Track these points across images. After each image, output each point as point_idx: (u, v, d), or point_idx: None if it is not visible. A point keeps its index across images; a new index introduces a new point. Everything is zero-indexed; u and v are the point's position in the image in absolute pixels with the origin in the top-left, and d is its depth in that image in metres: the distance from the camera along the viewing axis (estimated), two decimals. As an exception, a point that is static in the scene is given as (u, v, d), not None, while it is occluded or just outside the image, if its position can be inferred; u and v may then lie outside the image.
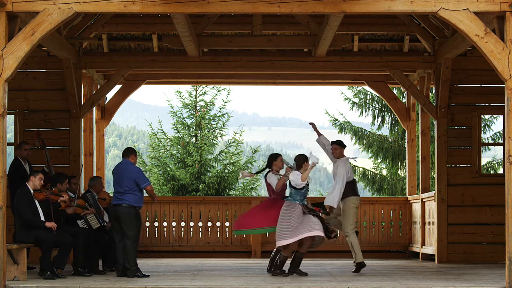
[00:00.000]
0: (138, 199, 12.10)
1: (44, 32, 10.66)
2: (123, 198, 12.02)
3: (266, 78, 18.15)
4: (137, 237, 12.15)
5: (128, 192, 12.03)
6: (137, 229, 12.13)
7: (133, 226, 12.04)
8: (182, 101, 26.06)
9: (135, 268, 11.98)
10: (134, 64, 16.29)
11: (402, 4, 10.75)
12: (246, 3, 10.76)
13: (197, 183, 24.91)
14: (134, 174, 12.07)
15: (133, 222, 12.04)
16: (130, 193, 12.03)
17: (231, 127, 26.87)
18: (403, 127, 18.51)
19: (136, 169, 12.19)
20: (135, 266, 11.99)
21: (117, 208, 12.08)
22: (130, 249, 11.99)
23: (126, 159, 12.26)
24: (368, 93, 25.89)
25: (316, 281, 11.53)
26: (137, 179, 12.05)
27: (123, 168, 12.17)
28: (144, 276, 11.91)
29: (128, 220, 12.00)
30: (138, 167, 12.31)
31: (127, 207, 12.00)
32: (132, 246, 12.00)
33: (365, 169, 26.06)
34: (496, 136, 24.12)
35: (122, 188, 12.06)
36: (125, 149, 12.46)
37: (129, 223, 12.00)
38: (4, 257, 10.48)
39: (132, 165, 12.21)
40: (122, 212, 12.03)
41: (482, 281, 11.42)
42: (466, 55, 15.89)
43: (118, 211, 12.07)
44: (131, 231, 12.03)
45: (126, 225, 12.01)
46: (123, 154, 12.38)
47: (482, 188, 15.88)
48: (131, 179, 12.05)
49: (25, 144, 13.75)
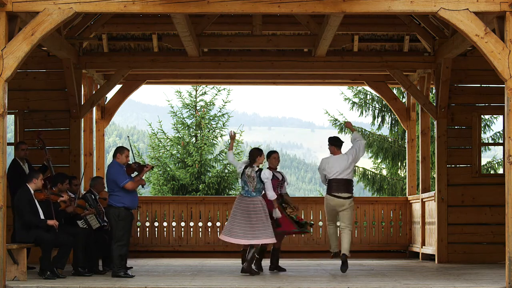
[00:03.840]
0: (120, 198, 12.04)
1: (44, 32, 10.66)
2: (109, 200, 12.17)
3: (266, 78, 18.16)
4: (123, 238, 12.03)
5: (111, 193, 12.13)
6: (123, 230, 12.05)
7: (118, 226, 12.02)
8: (182, 101, 26.06)
9: (117, 269, 11.93)
10: (134, 64, 16.29)
11: (402, 4, 10.75)
12: (246, 3, 10.76)
13: (197, 183, 24.91)
14: (112, 176, 12.11)
15: (119, 223, 12.02)
16: (113, 194, 12.11)
17: (231, 127, 26.84)
18: (403, 127, 18.51)
19: (113, 169, 12.13)
20: (117, 268, 11.92)
21: (106, 210, 12.37)
22: (114, 250, 11.98)
23: (114, 160, 12.28)
24: (368, 93, 25.90)
25: (316, 281, 11.54)
26: (116, 179, 12.05)
27: (107, 170, 12.28)
28: (129, 277, 11.85)
29: (114, 221, 12.06)
30: (117, 167, 12.16)
31: (111, 207, 12.11)
32: (116, 247, 11.97)
33: (365, 169, 26.07)
34: (496, 136, 24.13)
35: (108, 189, 12.27)
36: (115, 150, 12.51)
37: (114, 224, 12.06)
38: (4, 257, 10.48)
39: (112, 166, 12.20)
40: (108, 213, 12.18)
41: (482, 281, 11.42)
42: (466, 55, 15.89)
43: (106, 212, 12.37)
44: (118, 232, 12.02)
45: (112, 225, 12.11)
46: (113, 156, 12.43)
47: (482, 188, 15.88)
48: (112, 180, 12.11)
49: (22, 144, 13.75)
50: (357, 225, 18.05)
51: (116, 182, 12.03)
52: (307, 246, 17.84)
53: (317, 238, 17.77)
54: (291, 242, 17.36)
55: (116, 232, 12.03)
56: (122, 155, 12.19)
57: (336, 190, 13.05)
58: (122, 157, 12.19)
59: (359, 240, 18.00)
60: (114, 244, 12.01)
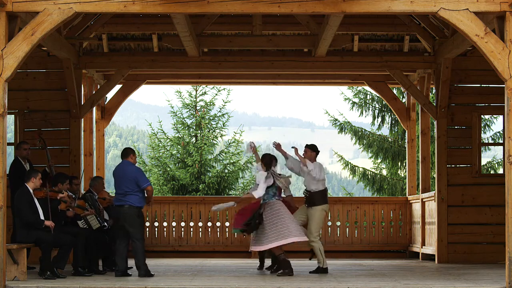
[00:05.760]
0: (140, 199, 12.11)
1: (44, 32, 10.66)
2: (125, 199, 12.04)
3: (266, 78, 18.16)
4: (144, 237, 12.22)
5: (130, 193, 12.04)
6: (142, 228, 12.21)
7: (137, 225, 12.09)
8: (182, 101, 26.05)
9: (145, 268, 12.01)
10: (134, 64, 16.29)
11: (402, 4, 10.75)
12: (246, 3, 10.76)
13: (197, 183, 24.91)
14: (134, 175, 12.08)
15: (137, 222, 12.08)
16: (132, 194, 12.04)
17: (231, 127, 26.86)
18: (403, 127, 18.51)
19: (136, 169, 12.19)
20: (145, 266, 12.02)
21: (119, 209, 12.13)
22: (140, 249, 12.05)
23: (126, 160, 12.26)
24: (368, 93, 25.89)
25: (316, 281, 11.54)
26: (138, 179, 12.06)
27: (124, 169, 12.16)
28: (151, 276, 11.95)
29: (132, 220, 12.04)
30: (138, 167, 12.32)
31: (130, 207, 12.03)
32: (140, 246, 12.05)
33: (365, 169, 26.06)
34: (496, 136, 24.12)
35: (123, 189, 12.07)
36: (124, 150, 12.45)
37: (133, 223, 12.04)
38: (4, 257, 10.47)
39: (132, 165, 12.21)
40: (125, 213, 12.05)
41: (482, 281, 11.41)
42: (466, 55, 15.89)
43: (120, 212, 12.12)
44: (137, 231, 12.08)
45: (130, 225, 12.04)
46: (122, 155, 12.38)
47: (482, 188, 15.88)
48: (131, 180, 12.05)
49: (24, 144, 13.74)
50: (357, 225, 18.05)
51: (137, 182, 12.04)
52: (307, 246, 17.79)
53: (317, 238, 17.74)
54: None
55: (136, 231, 12.06)
56: (134, 157, 12.31)
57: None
58: (134, 158, 12.32)
59: (359, 240, 18.00)
60: (136, 242, 12.02)
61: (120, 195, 12.10)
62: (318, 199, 12.87)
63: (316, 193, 12.87)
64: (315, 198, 12.87)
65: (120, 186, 12.12)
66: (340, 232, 18.10)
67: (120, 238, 12.18)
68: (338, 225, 18.11)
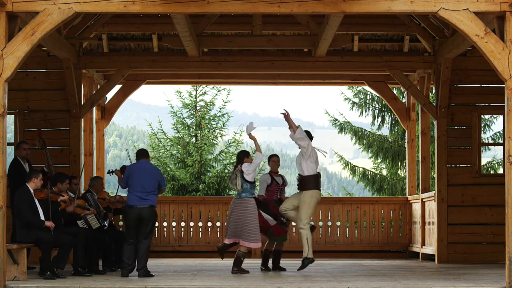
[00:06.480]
0: (156, 199, 12.27)
1: (44, 32, 10.66)
2: (148, 199, 12.10)
3: (266, 78, 18.15)
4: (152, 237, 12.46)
5: (152, 192, 12.14)
6: (153, 228, 12.39)
7: (152, 226, 12.22)
8: (182, 101, 26.04)
9: (146, 268, 12.06)
10: (134, 64, 16.30)
11: (402, 4, 10.75)
12: (246, 3, 10.76)
13: (197, 183, 24.90)
14: (160, 176, 12.25)
15: (154, 222, 12.25)
16: (153, 193, 12.17)
17: (231, 127, 26.85)
18: (403, 127, 18.51)
19: (160, 171, 12.39)
20: (146, 266, 12.08)
21: (141, 210, 12.08)
22: (146, 249, 12.13)
23: (145, 159, 12.31)
24: (368, 93, 25.88)
25: (316, 281, 11.53)
26: (161, 180, 12.24)
27: (148, 168, 12.22)
28: (151, 276, 11.97)
29: (153, 220, 12.17)
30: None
31: (151, 207, 12.14)
32: (148, 246, 12.16)
33: (365, 169, 26.06)
34: (496, 136, 24.12)
35: (147, 188, 12.10)
36: (142, 150, 12.48)
37: (151, 224, 12.15)
38: (4, 257, 10.47)
39: (155, 166, 12.42)
40: (148, 213, 12.10)
41: (482, 281, 11.41)
42: (466, 55, 15.89)
43: (143, 212, 12.08)
44: (150, 231, 12.21)
45: (148, 225, 12.12)
46: (141, 154, 12.38)
47: (482, 188, 15.88)
48: (156, 180, 12.16)
49: (24, 144, 13.74)
50: (357, 225, 18.05)
51: (160, 184, 12.20)
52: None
53: (317, 238, 17.76)
54: (291, 242, 17.31)
55: (151, 230, 12.15)
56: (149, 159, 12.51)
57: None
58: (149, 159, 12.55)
59: (359, 240, 18.00)
60: (144, 241, 12.06)
61: (143, 193, 12.07)
62: (309, 183, 12.87)
63: (308, 177, 12.89)
64: (306, 182, 12.88)
65: (144, 185, 12.09)
66: (340, 232, 18.09)
67: (131, 237, 12.14)
68: (338, 225, 18.11)
